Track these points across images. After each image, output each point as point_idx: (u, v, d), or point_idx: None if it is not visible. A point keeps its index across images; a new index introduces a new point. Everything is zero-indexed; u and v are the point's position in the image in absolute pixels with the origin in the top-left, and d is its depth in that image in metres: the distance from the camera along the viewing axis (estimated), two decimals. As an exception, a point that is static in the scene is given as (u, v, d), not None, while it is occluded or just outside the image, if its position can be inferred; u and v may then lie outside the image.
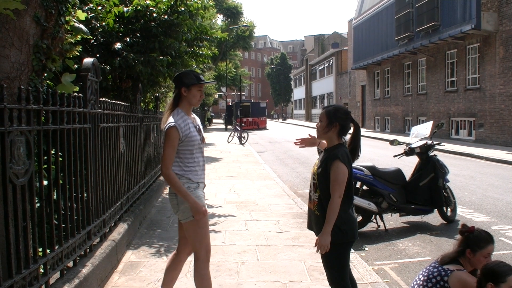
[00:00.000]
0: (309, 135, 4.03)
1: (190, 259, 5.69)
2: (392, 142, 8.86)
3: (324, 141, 3.78)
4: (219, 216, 8.11)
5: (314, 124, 51.55)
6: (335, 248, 3.47)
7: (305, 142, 3.99)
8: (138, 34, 8.85)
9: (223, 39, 15.48)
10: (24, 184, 3.34)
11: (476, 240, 3.33)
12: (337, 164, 3.39)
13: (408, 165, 9.37)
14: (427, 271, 3.44)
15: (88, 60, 4.97)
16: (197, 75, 4.04)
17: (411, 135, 8.69)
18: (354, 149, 3.62)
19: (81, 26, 4.87)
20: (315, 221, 3.63)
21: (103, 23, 8.06)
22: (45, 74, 4.56)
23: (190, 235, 3.97)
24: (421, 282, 3.40)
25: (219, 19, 42.07)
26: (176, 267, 4.22)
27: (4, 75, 3.74)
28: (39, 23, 4.14)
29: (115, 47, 8.24)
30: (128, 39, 8.57)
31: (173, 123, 3.81)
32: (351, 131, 3.69)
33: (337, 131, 3.53)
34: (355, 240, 3.57)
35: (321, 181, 3.51)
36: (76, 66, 5.14)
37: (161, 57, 8.61)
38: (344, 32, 63.67)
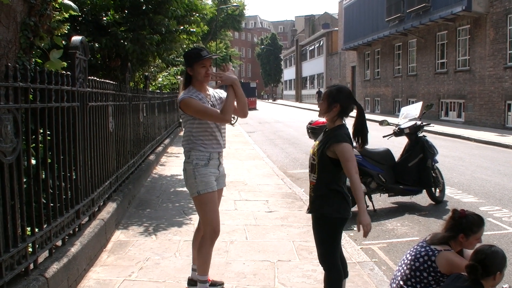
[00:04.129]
0: None
1: (179, 238, 5.75)
2: (382, 123, 8.87)
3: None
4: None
5: (304, 105, 51.58)
6: (327, 223, 3.50)
7: None
8: (126, 11, 8.74)
9: (213, 15, 15.35)
10: (12, 162, 3.32)
11: (469, 225, 3.34)
12: (340, 145, 3.40)
13: (397, 146, 9.40)
14: (414, 250, 3.46)
15: (76, 38, 4.91)
16: (197, 52, 4.04)
17: (400, 116, 8.69)
18: (359, 132, 3.57)
19: (70, 3, 4.80)
20: (311, 202, 3.64)
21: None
22: (33, 52, 4.50)
23: (197, 210, 4.16)
24: (408, 262, 3.43)
25: (209, -1, 41.71)
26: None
27: (-9, 53, 3.68)
28: (26, 0, 4.07)
29: (103, 20, 8.14)
30: (117, 16, 8.46)
31: (186, 95, 3.96)
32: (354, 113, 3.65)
33: (338, 112, 3.51)
34: (348, 217, 3.58)
35: (321, 162, 3.51)
36: (64, 43, 5.08)
37: (150, 35, 8.52)
38: (335, 12, 63.28)
